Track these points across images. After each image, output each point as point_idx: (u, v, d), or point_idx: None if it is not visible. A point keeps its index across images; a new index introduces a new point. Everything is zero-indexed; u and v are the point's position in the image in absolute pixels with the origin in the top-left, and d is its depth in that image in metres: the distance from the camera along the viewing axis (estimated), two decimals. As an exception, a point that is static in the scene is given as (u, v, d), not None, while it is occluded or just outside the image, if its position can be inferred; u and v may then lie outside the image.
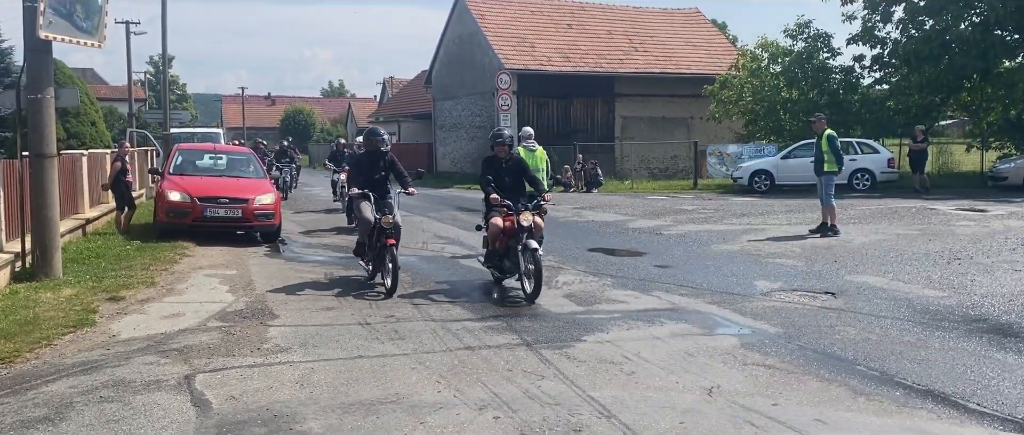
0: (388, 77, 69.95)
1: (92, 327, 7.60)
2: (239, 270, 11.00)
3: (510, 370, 6.19)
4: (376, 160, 10.13)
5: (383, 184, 10.04)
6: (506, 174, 9.71)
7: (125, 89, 43.65)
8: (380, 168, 10.11)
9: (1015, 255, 11.26)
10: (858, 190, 22.85)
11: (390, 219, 9.45)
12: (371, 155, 10.21)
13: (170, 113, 31.15)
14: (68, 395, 5.58)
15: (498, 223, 9.33)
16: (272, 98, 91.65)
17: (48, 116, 10.16)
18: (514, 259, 9.12)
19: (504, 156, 9.78)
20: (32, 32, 9.66)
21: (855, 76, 29.49)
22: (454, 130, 40.24)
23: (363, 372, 6.13)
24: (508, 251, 9.32)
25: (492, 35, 35.83)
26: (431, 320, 7.94)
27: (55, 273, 10.02)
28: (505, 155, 9.78)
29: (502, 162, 9.76)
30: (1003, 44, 25.37)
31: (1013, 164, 22.91)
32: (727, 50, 38.60)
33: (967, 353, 6.66)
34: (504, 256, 9.43)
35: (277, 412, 5.23)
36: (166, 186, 14.27)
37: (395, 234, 9.49)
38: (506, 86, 31.79)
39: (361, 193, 9.77)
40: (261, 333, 7.39)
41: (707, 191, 25.89)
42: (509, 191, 9.54)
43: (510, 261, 9.29)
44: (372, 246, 9.82)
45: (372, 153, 10.20)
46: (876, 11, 27.71)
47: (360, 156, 10.99)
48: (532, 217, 9.14)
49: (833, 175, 14.13)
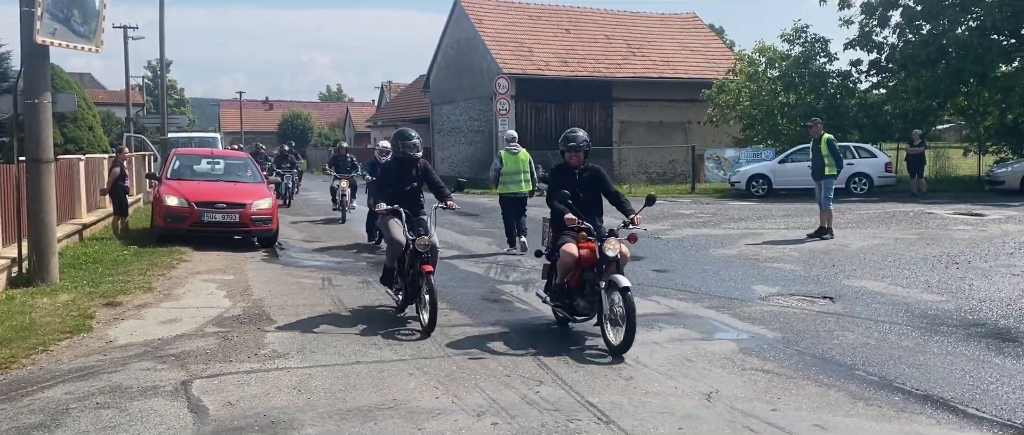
0: (386, 81, 70.19)
1: (89, 333, 7.57)
2: (236, 275, 10.98)
3: (508, 376, 6.17)
4: (407, 168, 8.49)
5: (416, 197, 8.47)
6: (580, 187, 7.58)
7: (123, 94, 43.61)
8: (412, 178, 8.48)
9: (1013, 259, 11.26)
10: (856, 194, 22.87)
11: (426, 240, 7.75)
12: (401, 163, 8.51)
13: (168, 118, 31.11)
14: (64, 401, 5.56)
15: (572, 251, 7.16)
16: (270, 102, 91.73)
17: (45, 121, 10.15)
18: (592, 298, 7.11)
19: (577, 165, 7.69)
20: (29, 37, 9.65)
21: (852, 81, 29.55)
22: (452, 134, 40.24)
23: (361, 378, 6.12)
24: (582, 287, 7.26)
25: (490, 40, 35.83)
26: (429, 325, 7.91)
27: (52, 278, 10.00)
28: (578, 163, 7.69)
29: (575, 172, 7.67)
30: (1000, 48, 25.43)
31: (1010, 168, 22.94)
32: (724, 55, 38.64)
33: (966, 358, 6.65)
34: (577, 293, 7.32)
35: (274, 418, 5.21)
36: (163, 191, 14.25)
37: (432, 258, 7.83)
38: (504, 90, 31.81)
39: (391, 209, 8.15)
40: (258, 339, 7.37)
41: (705, 195, 25.90)
42: (584, 210, 7.43)
43: (585, 300, 7.25)
44: (404, 272, 8.14)
45: (402, 160, 8.50)
46: (873, 16, 27.77)
47: (388, 164, 8.95)
48: (619, 245, 7.05)
49: (833, 178, 14.14)
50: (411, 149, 8.46)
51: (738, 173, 25.97)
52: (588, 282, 7.16)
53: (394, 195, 8.29)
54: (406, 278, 8.08)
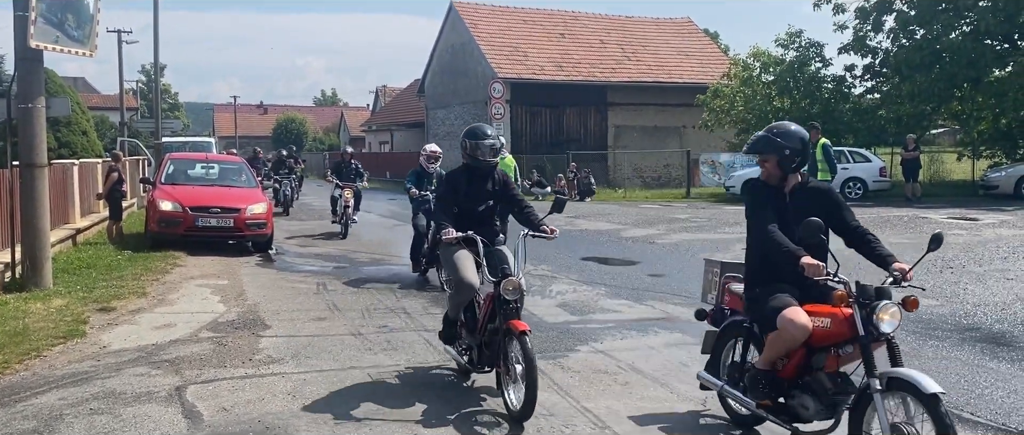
0: (381, 86, 70.14)
1: (82, 338, 7.54)
2: (231, 280, 10.95)
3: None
4: (481, 181, 6.17)
5: (492, 220, 6.26)
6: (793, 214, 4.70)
7: (117, 98, 43.58)
8: (488, 193, 6.19)
9: (1007, 264, 11.28)
10: (850, 199, 22.90)
11: (515, 283, 5.45)
12: (473, 172, 6.16)
13: (162, 122, 31.05)
14: (58, 407, 5.53)
15: (802, 321, 4.54)
16: (264, 107, 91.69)
17: (39, 126, 10.12)
18: (830, 398, 4.58)
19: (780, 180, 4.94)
20: (23, 41, 9.62)
21: (847, 85, 29.62)
22: (447, 139, 40.16)
23: (355, 383, 6.10)
24: (805, 376, 4.67)
25: (485, 44, 35.87)
26: (424, 330, 7.91)
27: (45, 283, 9.96)
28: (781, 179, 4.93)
29: (785, 194, 4.94)
30: (993, 53, 25.51)
31: (1004, 173, 22.99)
32: (719, 59, 38.72)
33: (960, 362, 6.66)
34: (799, 386, 4.68)
35: (269, 424, 5.19)
36: (158, 196, 14.21)
37: (518, 308, 5.50)
38: (499, 95, 31.83)
39: (462, 236, 5.81)
40: (253, 344, 7.35)
41: (700, 200, 25.93)
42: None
43: (815, 400, 4.58)
44: (481, 329, 5.82)
45: (474, 169, 6.14)
46: (867, 21, 27.84)
47: (455, 175, 6.25)
48: (897, 312, 4.52)
49: (828, 184, 14.19)
50: (487, 153, 6.08)
51: (733, 178, 25.99)
52: (821, 371, 4.57)
53: (463, 217, 6.03)
54: (480, 335, 5.82)
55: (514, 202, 6.23)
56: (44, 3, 9.70)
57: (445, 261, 6.12)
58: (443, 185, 6.59)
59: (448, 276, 6.30)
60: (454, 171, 6.35)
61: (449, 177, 6.40)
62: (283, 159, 25.93)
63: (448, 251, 5.98)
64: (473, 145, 6.10)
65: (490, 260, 5.77)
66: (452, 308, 6.09)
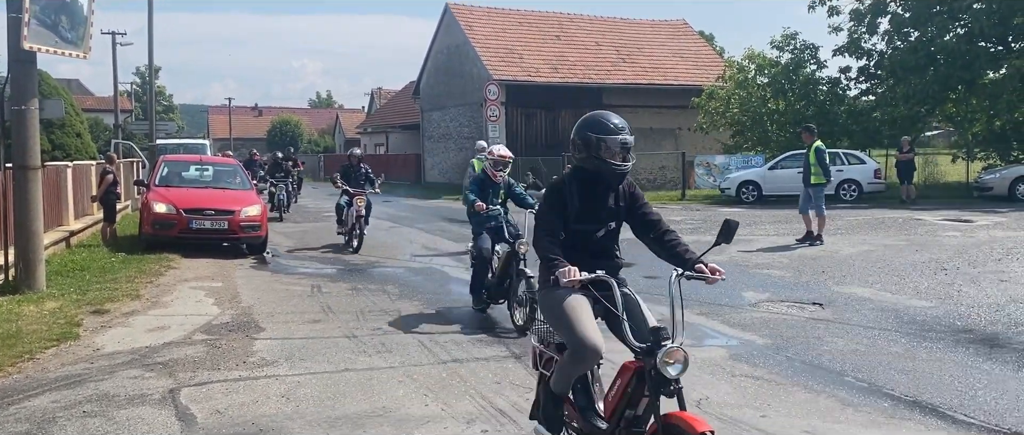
0: (376, 88, 70.11)
1: (76, 341, 7.52)
2: (225, 282, 10.93)
3: (498, 383, 6.15)
4: (602, 194, 4.28)
5: (612, 251, 4.38)
6: None
7: (111, 100, 43.45)
8: (610, 212, 4.30)
9: (1001, 265, 11.31)
10: (845, 201, 22.95)
11: (680, 352, 3.62)
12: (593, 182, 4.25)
13: (156, 124, 31.01)
14: (51, 410, 5.51)
15: None
16: (259, 109, 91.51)
17: (32, 128, 10.10)
18: None
19: None
20: (16, 43, 9.60)
21: (841, 87, 29.69)
22: (442, 141, 40.23)
23: (350, 385, 6.09)
24: None
25: (480, 46, 35.87)
26: (419, 332, 7.90)
27: (39, 286, 9.92)
28: None
29: None
30: (987, 55, 25.60)
31: (998, 174, 23.05)
32: (714, 61, 38.77)
33: (955, 364, 6.67)
34: None
35: (263, 426, 5.18)
36: (152, 198, 14.19)
37: (676, 382, 3.64)
38: (494, 97, 31.80)
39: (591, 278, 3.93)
40: (247, 346, 7.33)
41: (695, 202, 25.95)
42: None
43: None
44: (612, 415, 3.97)
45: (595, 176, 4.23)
46: (862, 23, 27.92)
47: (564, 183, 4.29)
48: None
49: (821, 187, 14.22)
50: (618, 152, 4.12)
51: (728, 180, 26.03)
52: None
53: (576, 245, 4.18)
54: (614, 426, 3.95)
55: (649, 225, 4.30)
56: (38, 5, 9.68)
57: (551, 310, 4.13)
58: (547, 199, 4.27)
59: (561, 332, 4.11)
60: (565, 180, 4.28)
61: (556, 188, 4.24)
62: (279, 162, 24.55)
63: (557, 297, 4.03)
64: (597, 141, 4.09)
65: (630, 314, 4.00)
66: (560, 380, 4.17)
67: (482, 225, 8.76)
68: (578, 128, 4.23)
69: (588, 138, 4.14)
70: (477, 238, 8.70)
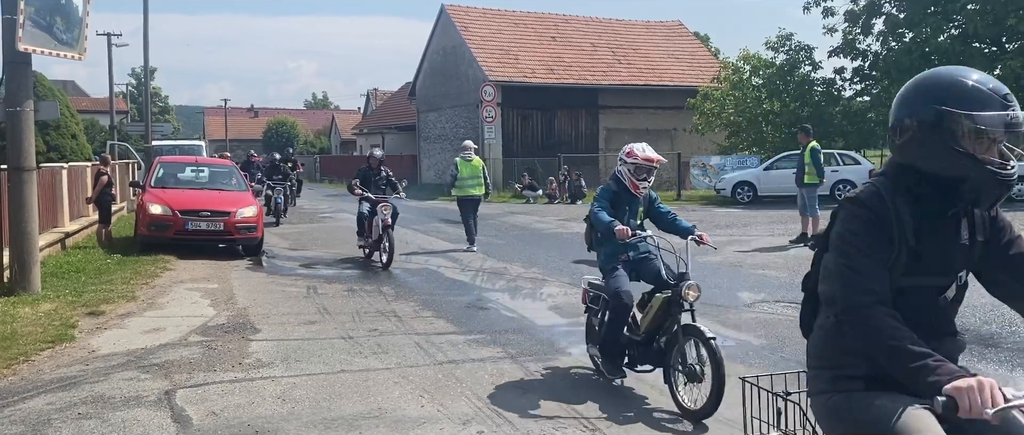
0: (372, 89, 70.08)
1: (71, 342, 7.50)
2: (221, 284, 10.92)
3: (494, 383, 6.15)
4: (952, 220, 2.51)
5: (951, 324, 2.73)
6: None
7: (107, 101, 43.40)
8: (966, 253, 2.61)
9: (995, 265, 11.33)
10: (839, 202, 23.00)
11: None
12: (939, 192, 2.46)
13: (152, 125, 30.93)
14: (46, 412, 5.50)
15: None
16: (255, 110, 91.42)
17: (27, 129, 10.08)
18: None
19: None
20: (11, 44, 9.58)
21: (836, 88, 29.76)
22: (438, 142, 40.23)
23: (345, 387, 6.09)
24: None
25: (476, 47, 35.90)
26: (415, 333, 7.90)
27: (34, 288, 9.90)
28: None
29: None
30: (981, 56, 25.67)
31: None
32: (710, 62, 38.86)
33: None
34: None
35: (258, 428, 5.17)
36: (147, 199, 14.17)
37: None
38: (490, 98, 31.86)
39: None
40: (243, 348, 7.32)
41: (691, 202, 25.98)
42: None
43: None
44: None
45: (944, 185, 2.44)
46: (856, 24, 27.99)
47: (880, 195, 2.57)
48: None
49: (814, 187, 14.28)
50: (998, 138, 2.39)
51: (723, 180, 26.07)
52: None
53: None
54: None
55: None
56: (33, 6, 9.66)
57: None
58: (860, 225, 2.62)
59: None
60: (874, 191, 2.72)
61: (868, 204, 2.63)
62: (276, 163, 23.10)
63: None
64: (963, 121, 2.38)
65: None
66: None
67: (616, 256, 6.14)
68: (911, 97, 2.55)
69: (941, 116, 2.39)
70: (610, 275, 6.05)
